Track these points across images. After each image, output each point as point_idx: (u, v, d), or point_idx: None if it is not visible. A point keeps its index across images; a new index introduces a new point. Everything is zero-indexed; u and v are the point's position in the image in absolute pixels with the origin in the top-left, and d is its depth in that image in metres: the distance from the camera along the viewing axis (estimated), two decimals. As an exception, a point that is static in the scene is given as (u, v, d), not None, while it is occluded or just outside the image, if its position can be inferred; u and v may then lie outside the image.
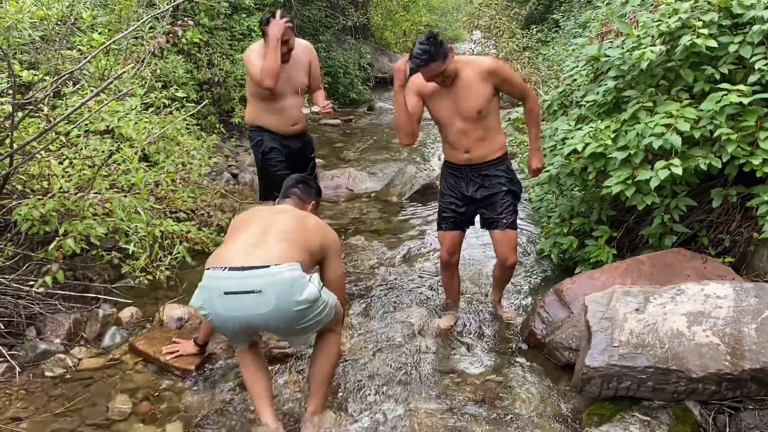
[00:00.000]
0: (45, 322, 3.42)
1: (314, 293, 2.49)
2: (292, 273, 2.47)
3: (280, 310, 2.45)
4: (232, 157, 7.51)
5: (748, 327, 2.55)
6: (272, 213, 2.85)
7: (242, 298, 2.44)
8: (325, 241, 2.79)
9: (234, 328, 2.55)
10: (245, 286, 2.44)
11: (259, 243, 2.59)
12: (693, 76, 3.38)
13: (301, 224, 2.75)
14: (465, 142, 3.40)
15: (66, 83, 4.42)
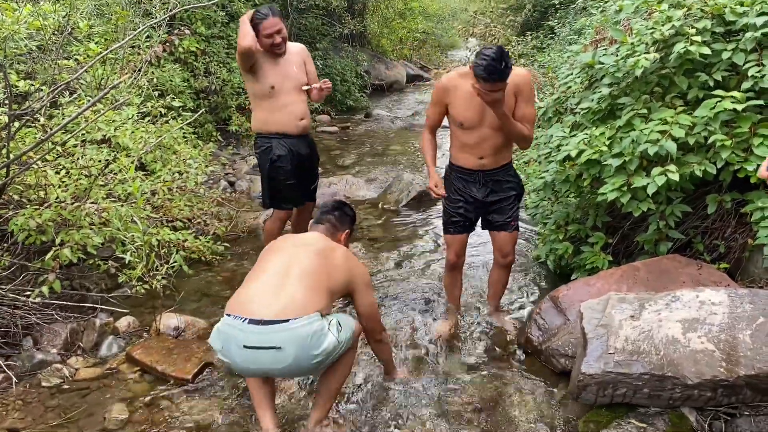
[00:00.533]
0: (42, 332, 3.43)
1: (332, 343, 2.53)
2: (312, 326, 2.47)
3: (298, 364, 2.48)
4: (229, 165, 7.51)
5: (743, 333, 2.55)
6: (297, 246, 2.79)
7: (262, 353, 2.46)
8: (351, 277, 2.77)
9: (250, 374, 2.64)
10: (265, 341, 2.45)
11: (280, 287, 2.57)
12: (687, 83, 3.40)
13: (325, 262, 2.70)
14: (484, 148, 3.39)
15: (63, 93, 4.44)
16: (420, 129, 10.95)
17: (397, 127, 11.17)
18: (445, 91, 3.35)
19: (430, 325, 3.74)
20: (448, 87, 3.33)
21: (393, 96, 14.88)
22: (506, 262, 3.65)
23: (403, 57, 17.83)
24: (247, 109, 8.20)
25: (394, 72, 16.09)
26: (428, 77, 16.48)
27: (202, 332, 3.67)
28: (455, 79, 3.30)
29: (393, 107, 13.35)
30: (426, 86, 15.42)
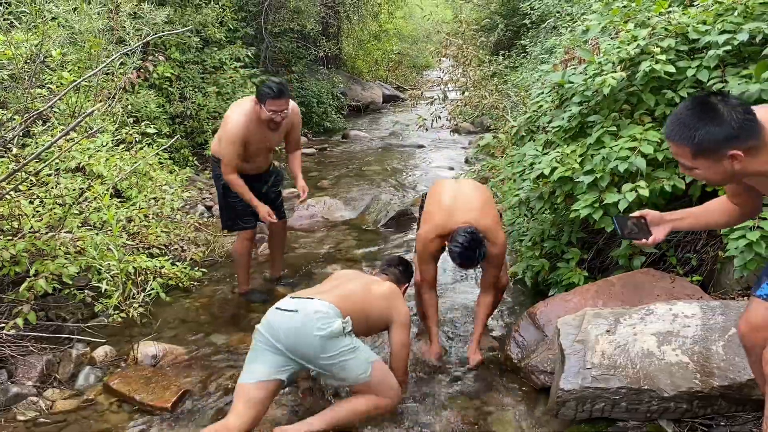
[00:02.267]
0: (17, 364, 3.37)
1: (337, 329, 2.79)
2: (323, 308, 2.86)
3: (304, 332, 2.79)
4: (206, 189, 7.49)
5: (715, 345, 2.60)
6: (350, 279, 3.25)
7: (284, 313, 2.90)
8: (387, 312, 3.10)
9: (272, 334, 2.87)
10: (289, 305, 2.92)
11: (324, 291, 3.06)
12: (654, 99, 3.48)
13: (367, 289, 3.13)
14: None
15: (36, 122, 4.41)
16: (399, 149, 11.04)
17: (375, 148, 11.24)
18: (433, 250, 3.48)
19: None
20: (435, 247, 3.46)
21: (370, 116, 14.97)
22: (501, 284, 3.71)
23: (378, 78, 17.99)
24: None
25: (370, 93, 16.22)
26: (404, 97, 16.60)
27: (181, 360, 3.64)
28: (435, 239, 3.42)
29: (370, 128, 13.43)
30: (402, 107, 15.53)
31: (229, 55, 9.10)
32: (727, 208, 2.31)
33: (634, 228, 2.34)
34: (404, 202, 6.94)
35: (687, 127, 1.91)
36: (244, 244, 4.46)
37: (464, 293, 4.52)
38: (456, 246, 3.22)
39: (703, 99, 1.93)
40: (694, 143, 1.91)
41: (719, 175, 1.97)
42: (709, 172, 1.97)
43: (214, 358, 3.69)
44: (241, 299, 4.56)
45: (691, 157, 1.95)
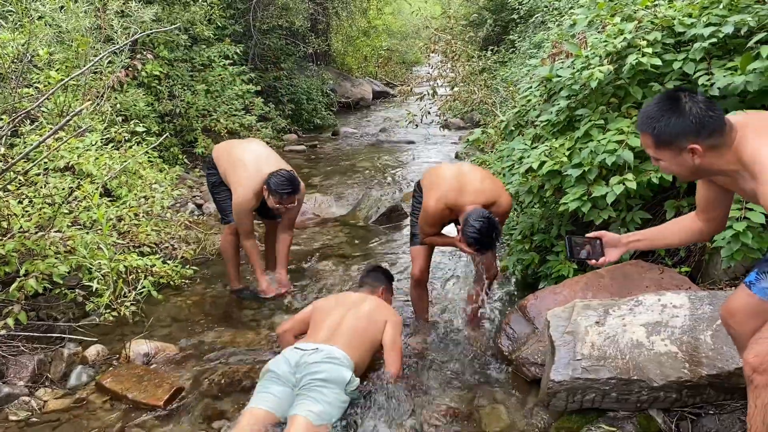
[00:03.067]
0: (8, 364, 3.36)
1: (342, 379, 2.85)
2: (340, 356, 2.94)
3: (318, 359, 2.89)
4: (196, 187, 7.48)
5: (704, 334, 2.63)
6: (347, 310, 3.28)
7: (303, 351, 2.98)
8: (383, 317, 3.26)
9: (279, 367, 2.92)
10: (308, 346, 3.00)
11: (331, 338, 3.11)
12: (641, 92, 3.50)
13: (363, 318, 3.23)
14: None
15: (24, 122, 4.39)
16: (389, 145, 11.04)
17: (365, 144, 11.25)
18: (441, 218, 3.54)
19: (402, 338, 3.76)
20: (442, 216, 3.53)
21: (360, 113, 14.98)
22: (490, 275, 3.78)
23: (368, 74, 17.98)
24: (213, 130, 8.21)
25: (360, 89, 16.22)
26: (394, 94, 16.60)
27: (173, 358, 3.64)
28: (444, 210, 3.49)
29: (360, 124, 13.43)
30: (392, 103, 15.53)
31: (218, 53, 9.08)
32: (691, 227, 2.36)
33: (587, 249, 2.40)
34: (395, 198, 6.95)
35: (650, 118, 2.01)
36: (228, 239, 4.50)
37: (455, 290, 4.53)
38: (473, 232, 3.25)
39: (670, 93, 2.03)
40: (654, 133, 2.00)
41: (682, 168, 2.03)
42: (672, 163, 2.04)
43: (207, 355, 3.68)
44: (233, 296, 4.56)
45: (654, 147, 2.04)
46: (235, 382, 3.34)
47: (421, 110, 8.21)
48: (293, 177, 4.13)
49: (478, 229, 3.24)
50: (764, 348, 1.92)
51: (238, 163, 4.25)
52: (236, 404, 3.08)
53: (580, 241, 2.41)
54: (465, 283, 4.52)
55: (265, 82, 11.11)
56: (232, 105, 8.90)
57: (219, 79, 8.93)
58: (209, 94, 8.71)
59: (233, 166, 4.26)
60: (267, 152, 4.45)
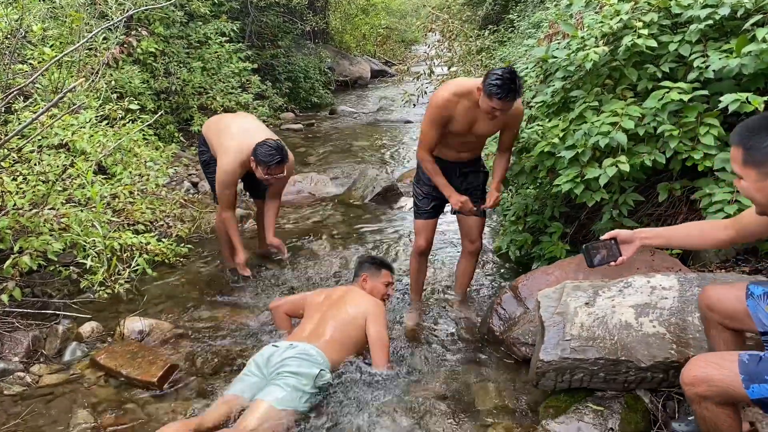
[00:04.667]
0: (3, 340, 3.39)
1: (311, 374, 2.84)
2: (313, 353, 2.94)
3: (279, 358, 2.90)
4: (192, 165, 7.46)
5: (692, 316, 2.65)
6: (329, 309, 3.28)
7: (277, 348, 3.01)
8: (363, 312, 3.23)
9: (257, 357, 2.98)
10: (285, 344, 3.02)
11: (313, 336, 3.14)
12: (637, 74, 3.49)
13: (348, 317, 3.22)
14: (464, 147, 3.66)
15: (17, 98, 4.37)
16: (386, 124, 11.02)
17: (362, 123, 11.22)
18: (446, 110, 3.42)
19: (395, 317, 3.79)
20: (448, 107, 3.41)
21: (357, 92, 14.92)
22: (474, 248, 3.83)
23: (366, 53, 17.87)
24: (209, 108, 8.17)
25: (358, 68, 16.13)
26: (392, 73, 16.51)
27: (167, 335, 3.66)
28: (453, 99, 3.40)
29: (358, 103, 13.39)
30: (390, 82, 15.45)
31: (214, 30, 9.02)
32: (717, 236, 2.31)
33: (603, 253, 2.43)
34: (391, 177, 6.96)
35: (749, 130, 1.89)
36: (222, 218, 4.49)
37: (443, 271, 4.55)
38: (495, 78, 3.16)
39: None
40: (747, 147, 1.88)
41: (763, 195, 1.92)
42: (754, 187, 1.92)
43: (201, 333, 3.71)
44: (228, 275, 4.58)
45: (741, 163, 1.92)
46: (228, 360, 3.37)
47: (417, 90, 8.18)
48: (280, 146, 4.07)
49: (500, 75, 3.16)
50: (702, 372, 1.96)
51: (224, 134, 4.22)
52: (229, 382, 3.10)
53: (596, 246, 2.44)
54: (452, 264, 4.54)
55: (262, 59, 11.04)
56: (229, 83, 8.85)
57: (215, 56, 8.87)
58: (205, 71, 8.66)
59: (219, 137, 4.24)
60: (255, 124, 4.42)
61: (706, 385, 1.94)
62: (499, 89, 3.14)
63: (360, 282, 3.58)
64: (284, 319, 3.58)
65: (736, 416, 1.98)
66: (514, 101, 3.24)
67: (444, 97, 3.41)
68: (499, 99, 3.17)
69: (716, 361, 1.98)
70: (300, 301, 3.51)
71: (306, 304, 3.42)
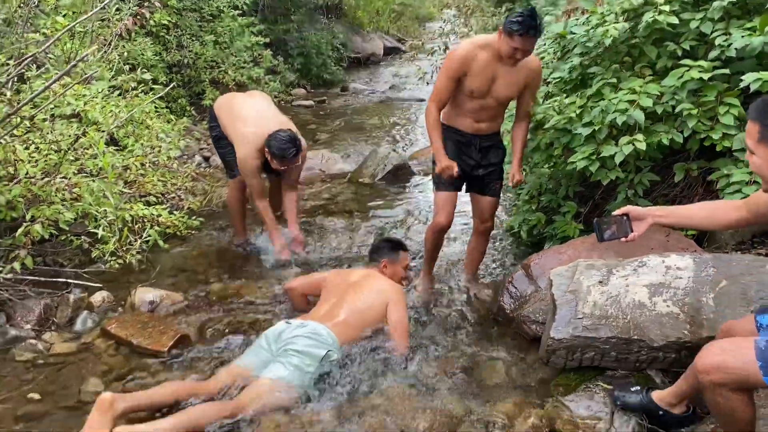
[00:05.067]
0: (15, 308, 3.41)
1: (317, 355, 2.84)
2: (319, 332, 2.93)
3: (289, 335, 2.90)
4: (203, 139, 7.45)
5: (706, 296, 2.62)
6: (346, 292, 3.26)
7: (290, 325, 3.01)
8: (384, 299, 3.22)
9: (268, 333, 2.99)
10: (297, 322, 3.02)
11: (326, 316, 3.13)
12: (656, 52, 3.43)
13: (366, 301, 3.21)
14: (483, 115, 3.55)
15: (30, 67, 4.35)
16: (398, 102, 10.94)
17: (374, 101, 11.15)
18: (465, 63, 3.36)
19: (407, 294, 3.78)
20: (468, 57, 3.35)
21: (370, 69, 14.82)
22: (485, 228, 3.79)
23: (379, 29, 17.70)
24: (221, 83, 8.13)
25: (371, 44, 16.00)
26: (405, 50, 16.38)
27: (178, 306, 3.68)
28: (474, 50, 3.35)
29: (370, 80, 13.30)
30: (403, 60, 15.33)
31: (227, 3, 8.93)
32: (730, 216, 2.30)
33: (614, 228, 2.41)
34: (402, 156, 6.92)
35: (767, 106, 1.88)
36: (235, 193, 4.50)
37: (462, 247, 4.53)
38: (516, 16, 3.14)
39: None
40: (765, 124, 1.87)
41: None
42: (766, 164, 1.91)
43: (211, 305, 3.72)
44: (238, 249, 4.58)
45: (756, 139, 1.90)
46: (238, 332, 3.38)
47: (432, 65, 8.10)
48: (293, 137, 4.05)
49: (521, 13, 3.13)
50: (717, 360, 1.94)
51: (238, 120, 4.20)
52: (238, 354, 3.11)
53: (607, 221, 2.42)
54: (463, 241, 4.52)
55: (274, 34, 10.95)
56: (241, 57, 8.80)
57: (228, 30, 8.80)
58: (218, 45, 8.60)
59: (233, 123, 4.22)
60: (267, 107, 4.40)
61: (722, 372, 1.92)
62: (520, 25, 3.11)
63: (380, 267, 3.53)
64: (301, 299, 3.61)
65: (750, 401, 1.97)
66: (534, 40, 3.20)
67: (464, 47, 3.37)
68: (520, 36, 3.13)
69: (731, 348, 1.96)
70: (316, 281, 3.52)
71: (324, 285, 3.41)
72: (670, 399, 2.40)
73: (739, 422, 1.98)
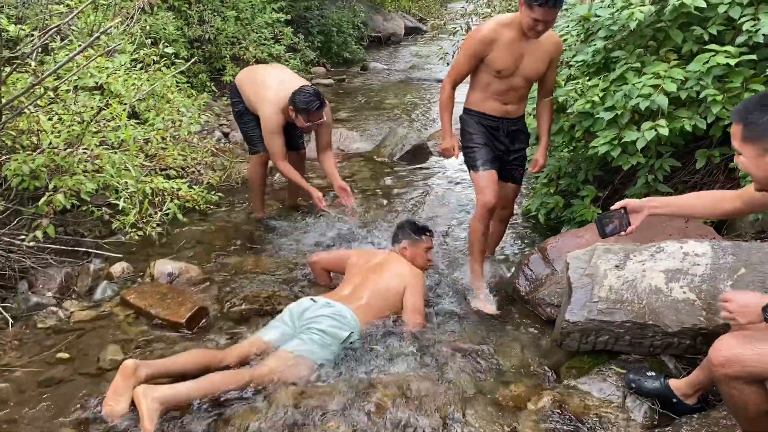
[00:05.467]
0: (37, 275, 3.47)
1: (340, 336, 2.88)
2: (343, 313, 2.97)
3: (313, 313, 2.94)
4: (223, 115, 7.48)
5: (723, 284, 2.61)
6: (369, 274, 3.30)
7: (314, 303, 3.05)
8: (402, 282, 3.25)
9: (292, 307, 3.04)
10: (322, 301, 3.05)
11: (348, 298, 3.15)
12: (682, 36, 3.38)
13: (387, 284, 3.24)
14: (511, 96, 3.49)
15: (54, 38, 4.38)
16: (418, 83, 10.89)
17: (394, 81, 11.10)
18: (488, 43, 3.31)
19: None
20: (491, 38, 3.30)
21: (390, 48, 14.74)
22: (506, 214, 3.79)
23: (401, 8, 17.58)
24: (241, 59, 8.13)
25: (392, 24, 15.90)
26: (426, 30, 16.25)
27: (196, 279, 3.72)
28: (497, 30, 3.30)
29: (390, 60, 13.24)
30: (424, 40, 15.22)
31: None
32: (726, 207, 2.37)
33: (615, 223, 2.46)
34: (421, 136, 6.90)
35: (747, 108, 1.94)
36: (256, 169, 4.53)
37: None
38: None
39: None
40: (746, 123, 1.93)
41: (760, 170, 1.96)
42: (752, 163, 1.97)
43: (229, 279, 3.76)
44: (257, 224, 4.62)
45: (740, 139, 1.96)
46: (255, 306, 3.41)
47: (453, 46, 8.03)
48: (317, 91, 4.12)
49: None
50: (733, 353, 1.94)
51: (260, 85, 4.25)
52: (255, 327, 3.16)
53: (609, 215, 2.47)
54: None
55: (295, 11, 10.91)
56: (262, 33, 8.78)
57: (249, 5, 8.79)
58: (239, 21, 8.60)
59: (256, 89, 4.26)
60: (289, 74, 4.44)
61: (738, 365, 1.92)
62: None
63: (400, 249, 3.54)
64: (323, 274, 3.67)
65: (764, 392, 1.96)
66: (555, 11, 3.16)
67: (487, 26, 3.33)
68: (540, 6, 3.07)
69: (747, 341, 1.95)
70: (340, 258, 3.57)
71: (347, 265, 3.45)
72: (685, 389, 2.43)
73: (752, 414, 1.98)
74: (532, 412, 2.54)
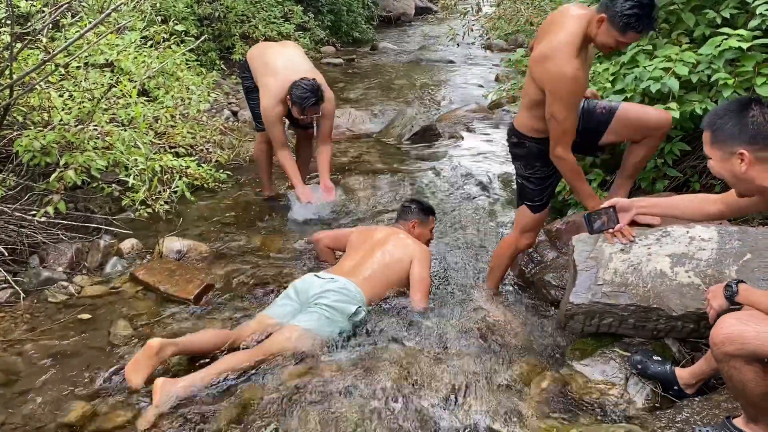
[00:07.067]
0: (48, 250, 3.52)
1: (347, 311, 2.91)
2: (349, 288, 3.01)
3: (321, 288, 2.98)
4: (232, 94, 7.48)
5: (729, 269, 2.61)
6: (374, 247, 3.32)
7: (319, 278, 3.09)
8: (409, 255, 3.26)
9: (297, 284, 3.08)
10: (326, 276, 3.10)
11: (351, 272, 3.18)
12: (694, 19, 3.35)
13: (392, 256, 3.26)
14: None
15: (65, 14, 4.39)
16: (428, 64, 10.81)
17: (404, 61, 11.04)
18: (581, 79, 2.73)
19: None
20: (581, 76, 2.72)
21: (400, 28, 14.65)
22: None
23: (412, -10, 17.41)
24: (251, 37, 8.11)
25: (403, 4, 15.79)
26: (437, 10, 16.12)
27: (204, 256, 3.76)
28: (577, 60, 2.67)
29: (400, 40, 13.15)
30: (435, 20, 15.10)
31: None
32: (707, 210, 2.49)
33: (603, 219, 2.57)
34: (430, 117, 6.88)
35: (714, 115, 2.09)
36: (261, 146, 4.55)
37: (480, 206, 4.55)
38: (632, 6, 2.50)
39: (743, 99, 2.10)
40: (713, 129, 2.06)
41: (727, 172, 2.08)
42: (720, 166, 2.09)
43: (237, 256, 3.80)
44: (265, 203, 4.64)
45: (709, 144, 2.09)
46: (262, 284, 3.45)
47: (463, 26, 7.97)
48: (315, 86, 4.03)
49: (639, 2, 2.50)
50: (733, 331, 1.97)
51: (268, 69, 4.22)
52: (262, 304, 3.19)
53: (598, 212, 2.57)
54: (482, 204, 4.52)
55: (305, -11, 10.87)
56: (272, 12, 8.76)
57: (259, -17, 8.76)
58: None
59: (264, 71, 4.24)
60: (299, 58, 4.40)
61: (738, 344, 1.94)
62: (639, 21, 2.53)
63: (408, 226, 3.56)
64: (326, 252, 3.69)
65: (763, 372, 1.98)
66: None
67: (572, 63, 2.65)
68: (638, 32, 2.59)
69: (748, 319, 1.98)
70: (342, 236, 3.58)
71: (349, 240, 3.47)
72: (688, 379, 2.47)
73: (751, 394, 2.00)
74: (535, 393, 2.56)
